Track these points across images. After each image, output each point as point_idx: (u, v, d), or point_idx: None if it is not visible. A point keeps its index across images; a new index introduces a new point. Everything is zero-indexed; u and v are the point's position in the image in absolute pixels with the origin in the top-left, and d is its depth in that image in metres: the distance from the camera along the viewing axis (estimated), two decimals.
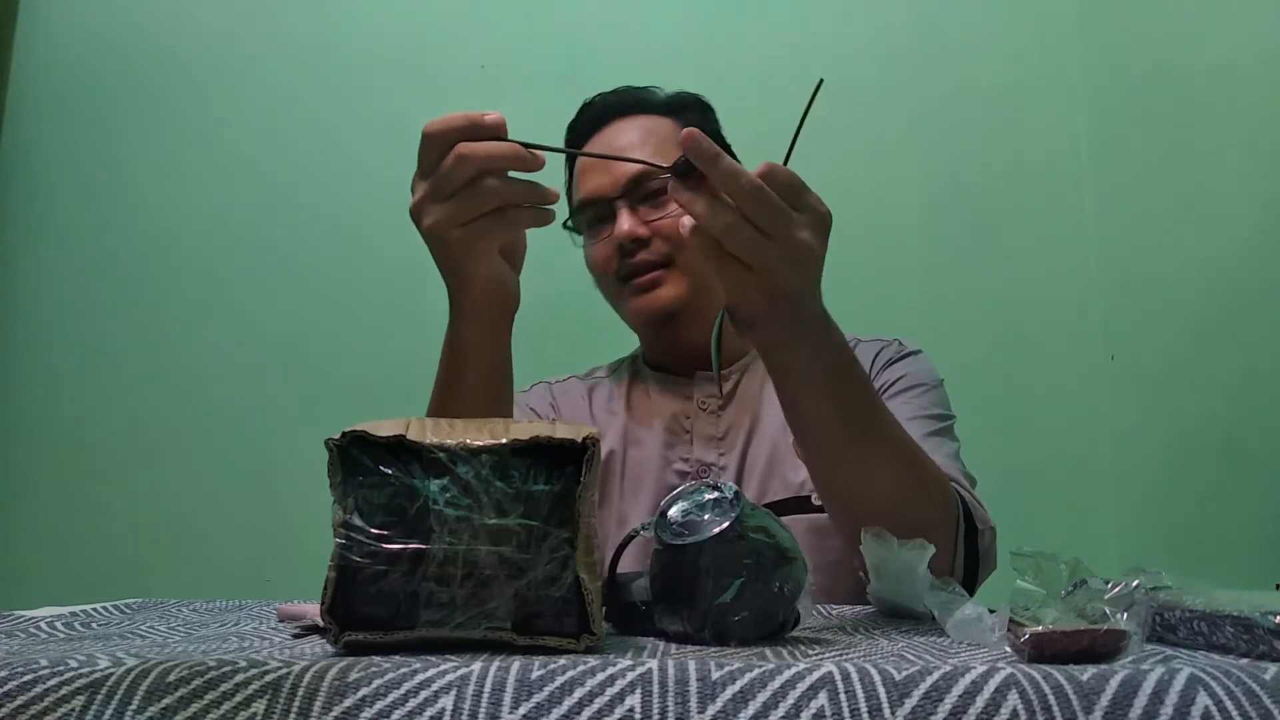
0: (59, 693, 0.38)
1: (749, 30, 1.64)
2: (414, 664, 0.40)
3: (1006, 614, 0.53)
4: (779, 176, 0.62)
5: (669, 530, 0.56)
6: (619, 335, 1.11)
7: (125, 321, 1.62)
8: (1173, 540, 1.34)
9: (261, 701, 0.38)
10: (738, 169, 0.61)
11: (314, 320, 1.60)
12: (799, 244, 0.62)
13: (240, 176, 1.65)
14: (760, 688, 0.37)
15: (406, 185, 0.69)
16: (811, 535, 0.92)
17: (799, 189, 0.63)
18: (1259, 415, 1.15)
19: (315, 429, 0.55)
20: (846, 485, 0.75)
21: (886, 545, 0.62)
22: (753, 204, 0.61)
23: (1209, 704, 0.36)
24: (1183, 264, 1.32)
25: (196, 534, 1.54)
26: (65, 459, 1.59)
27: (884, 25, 1.63)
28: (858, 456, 0.73)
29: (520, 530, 0.48)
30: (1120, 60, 1.52)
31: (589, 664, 0.39)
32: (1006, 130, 1.60)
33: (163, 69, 1.69)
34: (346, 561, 0.47)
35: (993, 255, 1.58)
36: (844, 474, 0.74)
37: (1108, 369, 1.52)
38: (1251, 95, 1.17)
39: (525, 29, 1.67)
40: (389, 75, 1.66)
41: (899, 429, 0.76)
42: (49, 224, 1.66)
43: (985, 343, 1.54)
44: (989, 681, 0.37)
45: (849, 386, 0.72)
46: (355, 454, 0.49)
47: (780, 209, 0.61)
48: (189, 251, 1.64)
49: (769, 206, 0.61)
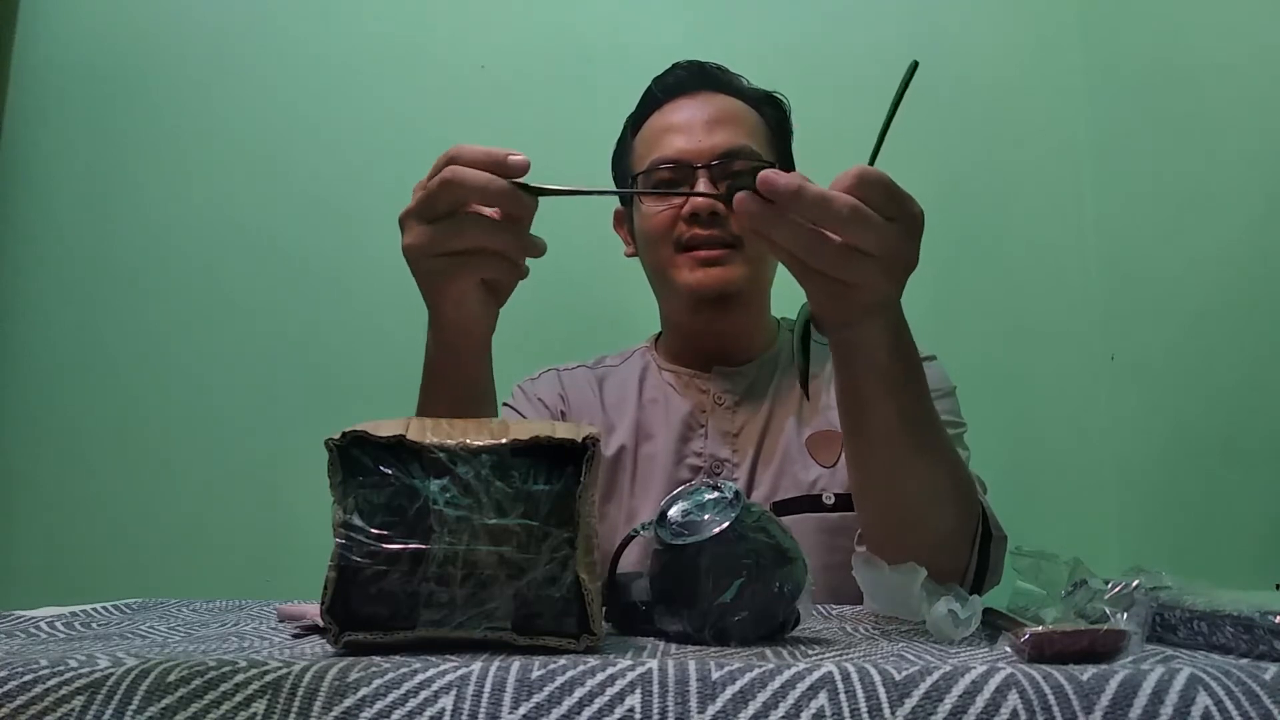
0: (59, 693, 0.38)
1: (748, 30, 1.64)
2: (414, 664, 0.40)
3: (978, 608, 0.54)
4: (872, 184, 0.59)
5: (669, 530, 0.56)
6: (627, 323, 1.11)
7: (125, 321, 1.62)
8: (1173, 540, 1.34)
9: (261, 701, 0.38)
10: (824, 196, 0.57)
11: (314, 320, 1.60)
12: (897, 256, 0.60)
13: (240, 176, 1.65)
14: (760, 688, 0.37)
15: (407, 184, 0.69)
16: (821, 534, 0.92)
17: (892, 193, 0.60)
18: (1259, 415, 1.15)
19: (315, 429, 0.55)
20: (895, 483, 0.73)
21: (877, 570, 0.62)
22: (849, 228, 0.58)
23: (1209, 704, 0.36)
24: (1183, 264, 1.31)
25: (196, 534, 1.54)
26: (65, 459, 1.58)
27: (883, 25, 1.63)
28: (910, 455, 0.72)
29: (520, 530, 0.48)
30: (1120, 60, 1.52)
31: (589, 664, 0.39)
32: (1006, 130, 1.60)
33: (163, 69, 1.69)
34: (346, 561, 0.47)
35: (993, 255, 1.58)
36: (895, 471, 0.73)
37: (1108, 369, 1.52)
38: (1251, 95, 1.17)
39: (525, 29, 1.67)
40: (389, 75, 1.66)
41: (946, 433, 0.76)
42: (49, 224, 1.66)
43: (985, 342, 1.54)
44: (989, 681, 0.37)
45: (915, 387, 0.71)
46: (355, 454, 0.49)
47: (875, 225, 0.58)
48: (189, 251, 1.63)
49: (865, 226, 0.58)
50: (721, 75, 1.05)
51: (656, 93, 1.05)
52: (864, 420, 0.72)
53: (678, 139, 0.99)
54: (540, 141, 1.69)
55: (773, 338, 1.08)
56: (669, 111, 1.03)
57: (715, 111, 1.01)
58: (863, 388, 0.70)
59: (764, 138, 1.03)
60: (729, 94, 1.04)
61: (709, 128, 0.99)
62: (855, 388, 0.71)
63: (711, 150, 0.97)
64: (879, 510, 0.76)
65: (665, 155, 0.99)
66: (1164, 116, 1.38)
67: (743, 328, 1.05)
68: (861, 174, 0.59)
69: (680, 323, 1.07)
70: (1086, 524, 1.49)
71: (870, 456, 0.74)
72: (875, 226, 0.58)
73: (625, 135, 1.10)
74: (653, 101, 1.05)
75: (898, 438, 0.71)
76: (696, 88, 1.03)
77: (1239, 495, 1.18)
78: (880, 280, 0.61)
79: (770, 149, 1.03)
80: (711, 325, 1.02)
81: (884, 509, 0.76)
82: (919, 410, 0.71)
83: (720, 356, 1.05)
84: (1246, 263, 1.17)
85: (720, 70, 1.06)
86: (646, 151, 1.02)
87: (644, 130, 1.05)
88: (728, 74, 1.06)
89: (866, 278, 0.60)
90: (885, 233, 0.59)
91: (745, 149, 0.99)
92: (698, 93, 1.03)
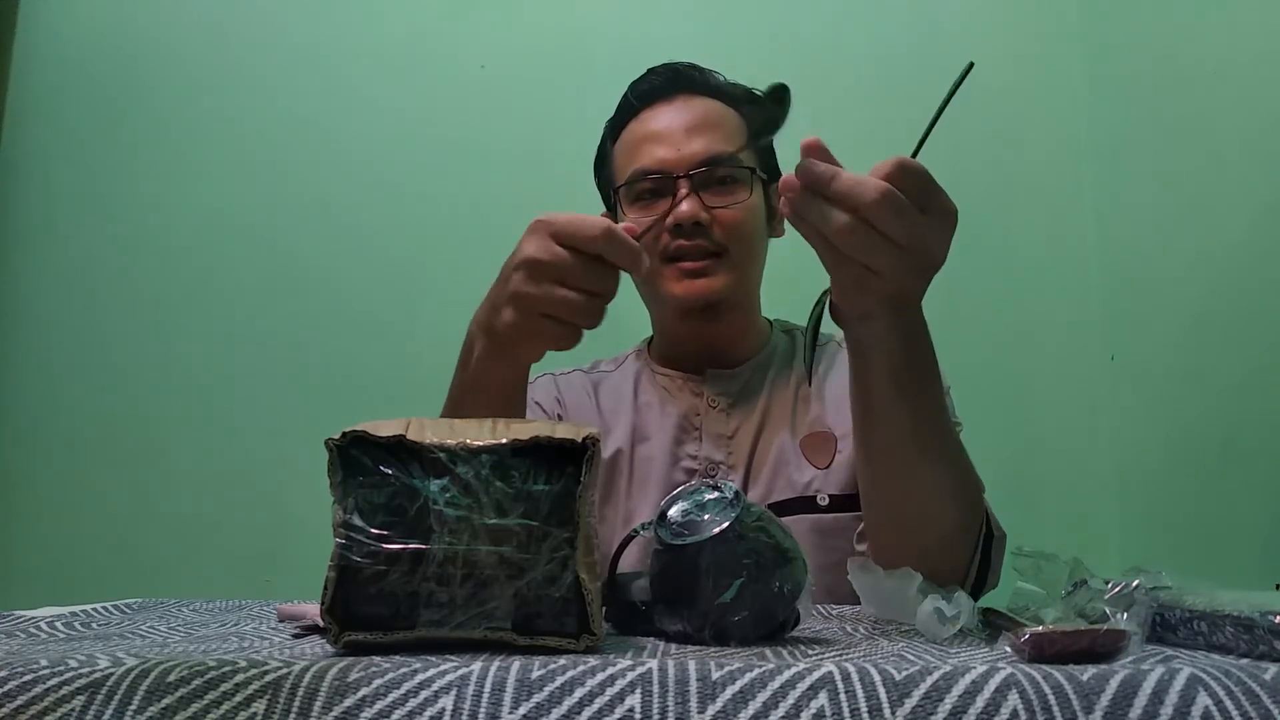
0: (59, 693, 0.38)
1: (748, 30, 1.64)
2: (414, 664, 0.40)
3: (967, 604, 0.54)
4: (910, 174, 0.59)
5: (669, 530, 0.56)
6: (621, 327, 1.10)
7: (125, 321, 1.62)
8: (1173, 540, 1.34)
9: (261, 701, 0.38)
10: (858, 181, 0.58)
11: (313, 320, 1.60)
12: (925, 249, 0.60)
13: (240, 176, 1.65)
14: (760, 688, 0.37)
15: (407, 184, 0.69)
16: (816, 535, 0.92)
17: (928, 187, 0.60)
18: (1259, 415, 1.15)
19: (315, 429, 0.55)
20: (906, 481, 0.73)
21: (873, 575, 0.62)
22: (880, 212, 0.58)
23: (1209, 704, 0.36)
24: (1183, 264, 1.31)
25: (197, 534, 1.54)
26: (65, 459, 1.58)
27: (883, 25, 1.63)
28: (922, 454, 0.72)
29: (520, 530, 0.48)
30: (1120, 60, 1.52)
31: (589, 664, 0.39)
32: (1006, 130, 1.60)
33: (163, 69, 1.69)
34: (346, 561, 0.47)
35: (993, 256, 1.58)
36: (906, 470, 0.73)
37: (1108, 369, 1.52)
38: (1251, 95, 1.17)
39: (525, 29, 1.67)
40: (389, 75, 1.66)
41: (955, 431, 0.76)
42: (49, 224, 1.66)
43: (985, 343, 1.54)
44: (989, 681, 0.37)
45: (930, 387, 0.71)
46: (355, 454, 0.49)
47: (909, 215, 0.59)
48: (189, 251, 1.63)
49: (896, 213, 0.58)
50: (698, 77, 1.04)
51: (633, 99, 1.04)
52: (877, 418, 0.72)
53: (658, 148, 0.98)
54: (540, 141, 1.71)
55: (765, 339, 1.08)
56: (647, 119, 1.02)
57: (693, 118, 0.99)
58: (877, 385, 0.70)
59: (744, 138, 1.02)
60: (707, 95, 1.02)
61: (688, 135, 0.98)
62: (869, 385, 0.70)
63: (692, 158, 0.97)
64: (888, 508, 0.76)
65: (645, 165, 0.98)
66: (1164, 116, 1.38)
67: (733, 333, 1.04)
68: (901, 163, 0.60)
69: (670, 330, 1.07)
70: (1086, 524, 1.49)
71: (882, 454, 0.74)
72: (906, 215, 0.59)
73: (604, 143, 1.09)
74: (629, 109, 1.04)
75: (910, 437, 0.71)
76: (673, 92, 1.02)
77: (1239, 495, 1.18)
78: (904, 271, 0.61)
79: (751, 149, 1.02)
80: (701, 333, 1.02)
81: (894, 506, 0.76)
82: (933, 410, 0.71)
83: (713, 360, 1.05)
84: (1246, 263, 1.17)
85: (696, 71, 1.04)
86: (627, 161, 1.02)
87: (623, 138, 1.04)
88: (704, 74, 1.04)
89: (891, 267, 0.60)
90: (916, 223, 0.59)
91: (725, 155, 0.97)
92: (675, 97, 1.02)
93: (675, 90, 1.02)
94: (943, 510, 0.74)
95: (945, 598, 0.55)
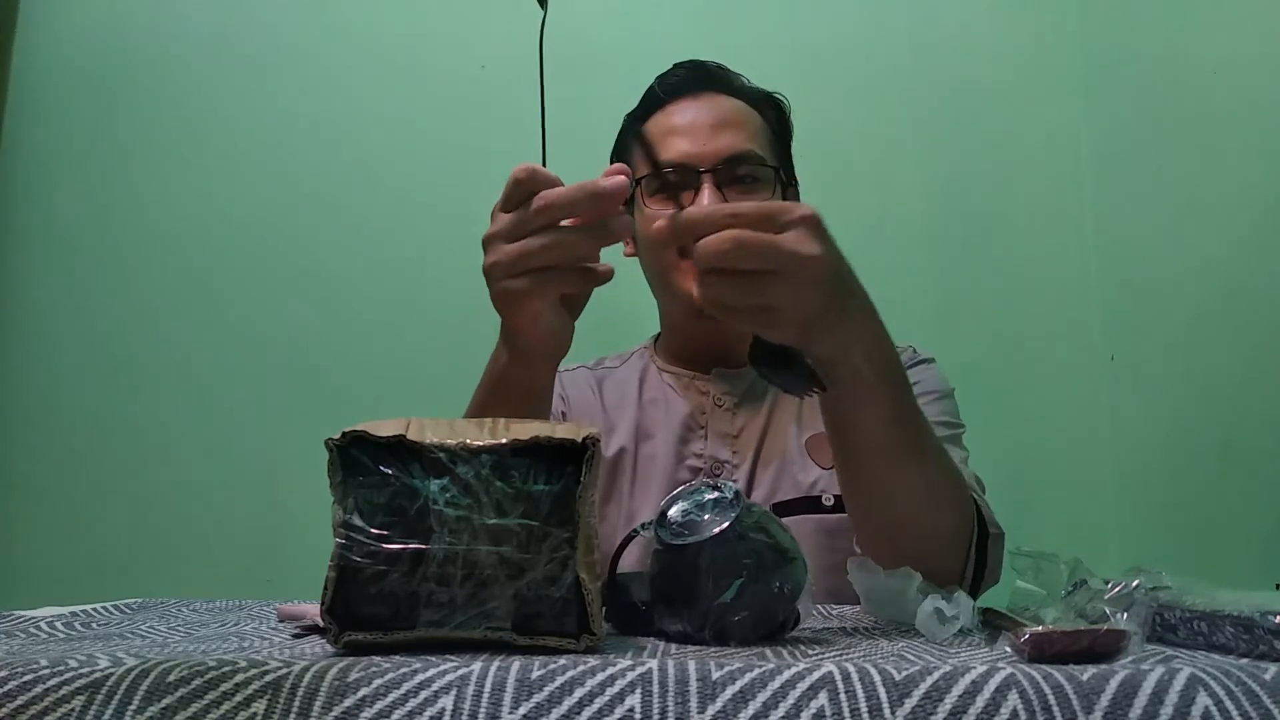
0: (59, 693, 0.38)
1: (748, 30, 1.64)
2: (414, 664, 0.40)
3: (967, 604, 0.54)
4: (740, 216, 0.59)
5: (669, 530, 0.56)
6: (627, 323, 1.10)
7: (125, 321, 1.62)
8: (1173, 540, 1.34)
9: (261, 701, 0.38)
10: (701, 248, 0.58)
11: (314, 320, 1.60)
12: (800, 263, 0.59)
13: (240, 176, 1.65)
14: (760, 688, 0.37)
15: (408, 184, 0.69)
16: (821, 535, 0.92)
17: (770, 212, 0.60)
18: (1259, 415, 1.15)
19: (315, 429, 0.55)
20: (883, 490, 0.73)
21: (873, 574, 0.62)
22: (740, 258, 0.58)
23: (1209, 704, 0.36)
24: (1183, 264, 1.31)
25: (196, 534, 1.54)
26: (65, 459, 1.58)
27: (883, 25, 1.63)
28: (896, 462, 0.71)
29: (520, 530, 0.48)
30: (1120, 60, 1.52)
31: (589, 664, 0.39)
32: (1006, 130, 1.60)
33: (162, 68, 1.69)
34: (346, 561, 0.47)
35: (993, 255, 1.58)
36: (882, 478, 0.72)
37: (1108, 369, 1.52)
38: (1251, 95, 1.17)
39: (525, 29, 1.67)
40: (389, 75, 1.66)
41: (935, 435, 0.76)
42: (49, 224, 1.66)
43: (985, 343, 1.54)
44: (989, 681, 0.37)
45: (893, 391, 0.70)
46: (355, 454, 0.49)
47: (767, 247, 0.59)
48: (189, 250, 1.63)
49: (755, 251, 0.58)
50: (723, 75, 1.05)
51: (659, 92, 1.05)
52: (845, 431, 0.72)
53: (682, 142, 0.99)
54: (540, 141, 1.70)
55: None
56: (672, 112, 1.02)
57: (719, 114, 1.00)
58: (839, 399, 0.69)
59: (766, 139, 1.03)
60: (731, 94, 1.03)
61: (713, 131, 0.98)
62: (832, 400, 0.70)
63: (716, 154, 0.97)
64: (870, 517, 0.76)
65: (670, 158, 0.98)
66: (1164, 116, 1.38)
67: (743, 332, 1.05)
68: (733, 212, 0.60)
69: (680, 326, 1.07)
70: (1086, 524, 1.49)
71: (856, 466, 0.74)
72: (765, 248, 0.58)
73: (625, 134, 1.10)
74: (655, 101, 1.05)
75: (881, 445, 0.70)
76: (699, 88, 1.03)
77: (1239, 495, 1.18)
78: (798, 291, 0.60)
79: (771, 150, 1.03)
80: (712, 331, 1.02)
81: (874, 516, 0.75)
82: (901, 415, 0.70)
83: (720, 358, 1.05)
84: (1246, 263, 1.17)
85: (722, 70, 1.05)
86: (650, 153, 1.02)
87: (646, 130, 1.04)
88: (729, 74, 1.06)
89: (781, 295, 0.60)
90: (777, 247, 0.59)
91: (750, 153, 0.98)
92: (701, 94, 1.02)
93: (701, 86, 1.03)
94: (926, 514, 0.73)
95: (945, 598, 0.55)
